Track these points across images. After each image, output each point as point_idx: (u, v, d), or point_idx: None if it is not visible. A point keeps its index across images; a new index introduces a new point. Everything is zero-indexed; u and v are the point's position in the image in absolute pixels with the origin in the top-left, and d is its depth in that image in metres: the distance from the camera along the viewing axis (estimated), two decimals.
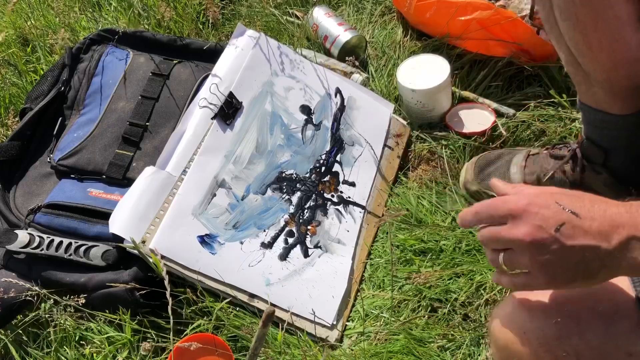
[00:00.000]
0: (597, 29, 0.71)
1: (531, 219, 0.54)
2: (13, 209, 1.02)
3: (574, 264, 0.53)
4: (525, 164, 0.99)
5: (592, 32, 0.71)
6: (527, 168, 0.99)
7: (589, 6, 0.69)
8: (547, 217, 0.53)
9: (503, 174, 1.01)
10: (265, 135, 1.07)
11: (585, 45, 0.73)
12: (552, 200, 0.54)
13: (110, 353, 0.93)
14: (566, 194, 0.55)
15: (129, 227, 0.91)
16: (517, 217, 0.54)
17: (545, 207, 0.54)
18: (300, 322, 0.94)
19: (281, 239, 1.01)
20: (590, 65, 0.76)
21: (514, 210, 0.55)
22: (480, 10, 1.12)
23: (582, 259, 0.53)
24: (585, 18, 0.70)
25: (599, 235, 0.52)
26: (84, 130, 1.09)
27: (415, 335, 0.90)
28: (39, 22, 1.46)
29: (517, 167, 1.00)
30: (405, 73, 1.15)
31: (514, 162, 1.01)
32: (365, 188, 1.10)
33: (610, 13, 0.69)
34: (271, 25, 1.37)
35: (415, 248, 1.00)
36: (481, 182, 1.01)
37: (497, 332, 0.62)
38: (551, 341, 0.57)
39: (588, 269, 0.53)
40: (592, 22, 0.70)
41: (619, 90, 0.78)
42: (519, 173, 0.99)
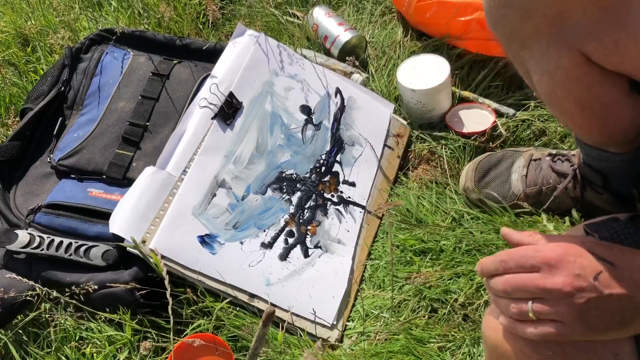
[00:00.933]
0: (585, 115, 0.66)
1: (569, 267, 0.53)
2: (13, 209, 1.02)
3: (610, 313, 0.53)
4: (526, 172, 0.99)
5: (579, 118, 0.67)
6: (528, 178, 0.98)
7: (572, 99, 0.64)
8: (585, 266, 0.53)
9: (504, 182, 1.00)
10: (265, 135, 1.07)
11: (574, 125, 0.71)
12: (585, 248, 0.54)
13: (110, 353, 0.93)
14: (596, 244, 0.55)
15: (129, 227, 0.91)
16: (553, 265, 0.54)
17: (581, 255, 0.54)
18: (300, 322, 0.94)
19: (281, 239, 1.01)
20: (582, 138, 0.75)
21: (549, 259, 0.54)
22: (481, 11, 1.12)
23: (619, 308, 0.53)
24: (570, 107, 0.65)
25: (634, 284, 0.52)
26: (84, 130, 1.09)
27: (415, 335, 0.90)
28: (39, 22, 1.46)
29: (517, 175, 0.99)
30: (405, 73, 1.15)
31: (514, 168, 1.00)
32: (365, 188, 1.10)
33: (597, 103, 0.64)
34: (271, 25, 1.37)
35: (415, 248, 1.00)
36: (482, 191, 1.01)
37: (488, 332, 0.62)
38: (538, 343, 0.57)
39: (623, 318, 0.53)
40: (578, 112, 0.65)
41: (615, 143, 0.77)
42: (520, 182, 0.99)
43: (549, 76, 0.62)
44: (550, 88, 0.64)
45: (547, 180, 0.96)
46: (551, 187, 0.95)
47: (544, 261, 0.55)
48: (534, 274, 0.55)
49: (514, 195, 0.99)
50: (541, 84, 0.65)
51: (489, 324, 0.63)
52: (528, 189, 0.97)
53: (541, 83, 0.64)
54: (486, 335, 0.63)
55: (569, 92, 0.63)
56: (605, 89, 0.62)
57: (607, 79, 0.61)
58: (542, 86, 0.65)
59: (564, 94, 0.64)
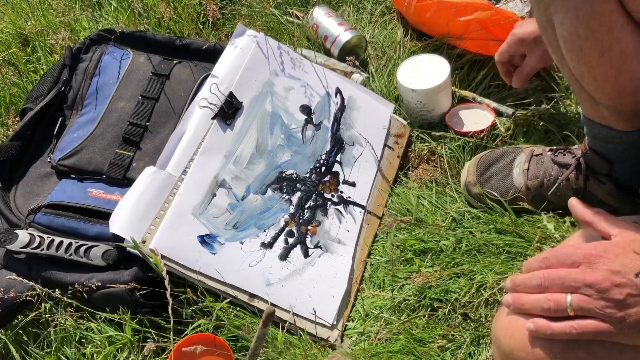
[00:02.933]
0: (603, 62, 0.68)
1: (609, 263, 0.54)
2: (13, 209, 1.02)
3: None
4: (528, 166, 0.99)
5: (597, 65, 0.69)
6: (530, 171, 0.98)
7: (594, 40, 0.66)
8: (626, 263, 0.54)
9: (505, 176, 1.00)
10: (265, 135, 1.07)
11: (590, 76, 0.71)
12: (630, 248, 0.55)
13: (110, 353, 0.93)
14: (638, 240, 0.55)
15: (129, 227, 0.91)
16: (593, 261, 0.55)
17: (622, 254, 0.54)
18: (300, 322, 0.94)
19: (281, 239, 1.01)
20: (594, 92, 0.75)
21: (590, 255, 0.55)
22: (480, 11, 1.13)
23: None
24: (590, 51, 0.67)
25: None
26: (84, 130, 1.09)
27: (416, 335, 0.90)
28: (39, 22, 1.46)
29: (519, 169, 1.00)
30: (405, 73, 1.15)
31: (516, 163, 1.01)
32: (365, 188, 1.10)
33: (616, 47, 0.66)
34: (271, 25, 1.37)
35: (415, 248, 1.00)
36: (483, 185, 1.01)
37: (502, 338, 0.62)
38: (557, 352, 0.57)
39: None
40: (597, 56, 0.67)
41: (624, 111, 0.76)
42: (522, 176, 0.99)
43: (575, 12, 0.64)
44: (574, 28, 0.66)
45: (548, 173, 0.96)
46: (553, 179, 0.95)
47: (584, 257, 0.55)
48: (573, 269, 0.56)
49: (516, 188, 0.99)
50: (565, 24, 0.66)
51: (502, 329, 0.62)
52: (529, 182, 0.98)
53: (565, 23, 0.66)
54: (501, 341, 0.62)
55: (591, 32, 0.65)
56: (626, 34, 0.64)
57: (630, 25, 0.63)
58: (566, 26, 0.66)
59: (586, 33, 0.65)
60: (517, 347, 0.59)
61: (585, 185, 0.92)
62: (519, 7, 1.24)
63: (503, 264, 0.94)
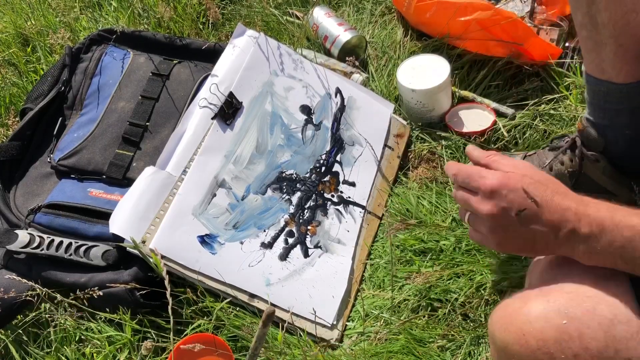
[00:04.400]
0: None
1: (498, 199, 0.64)
2: (13, 209, 1.02)
3: (523, 240, 0.64)
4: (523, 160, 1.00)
5: None
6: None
7: None
8: (512, 201, 0.63)
9: None
10: (265, 135, 1.07)
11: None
12: (520, 185, 0.63)
13: (110, 353, 0.93)
14: (533, 180, 0.63)
15: (129, 227, 0.91)
16: (487, 194, 0.64)
17: (513, 190, 0.63)
18: (300, 322, 0.94)
19: (281, 239, 1.01)
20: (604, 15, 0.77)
21: (485, 187, 0.64)
22: (480, 11, 1.13)
23: (532, 239, 0.63)
24: None
25: (551, 225, 0.61)
26: (84, 130, 1.09)
27: (416, 335, 0.90)
28: (39, 22, 1.46)
29: None
30: (405, 73, 1.15)
31: None
32: (365, 188, 1.10)
33: None
34: (271, 25, 1.37)
35: (415, 248, 1.00)
36: None
37: (497, 332, 0.62)
38: (550, 344, 0.57)
39: (534, 247, 0.64)
40: None
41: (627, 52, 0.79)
42: None
43: None
44: None
45: (543, 162, 0.97)
46: (548, 166, 0.96)
47: (481, 187, 0.65)
48: (472, 196, 0.66)
49: None
50: None
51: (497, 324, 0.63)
52: None
53: None
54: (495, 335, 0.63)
55: None
56: None
57: None
58: None
59: None
60: (512, 341, 0.60)
61: (581, 167, 0.92)
62: (519, 7, 1.24)
63: (503, 264, 0.94)
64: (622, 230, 0.58)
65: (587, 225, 0.60)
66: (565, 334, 0.57)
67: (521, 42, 1.14)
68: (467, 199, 0.67)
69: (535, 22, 1.20)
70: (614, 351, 0.56)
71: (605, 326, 0.57)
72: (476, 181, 0.66)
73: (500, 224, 0.64)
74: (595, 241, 0.60)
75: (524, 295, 0.63)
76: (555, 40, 1.18)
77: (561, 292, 0.60)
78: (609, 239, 0.59)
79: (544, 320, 0.58)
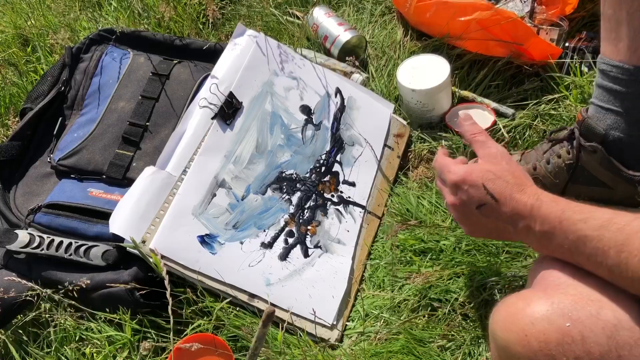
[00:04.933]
0: None
1: (460, 193, 0.71)
2: (13, 209, 1.02)
3: (487, 229, 0.72)
4: (520, 158, 1.01)
5: None
6: (522, 160, 1.00)
7: None
8: (472, 195, 0.70)
9: None
10: (265, 135, 1.07)
11: None
12: (481, 181, 0.69)
13: (110, 353, 0.93)
14: (495, 176, 0.69)
15: (129, 227, 0.91)
16: (452, 186, 0.72)
17: (473, 186, 0.70)
18: (300, 322, 0.94)
19: (281, 239, 1.01)
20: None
21: (449, 181, 0.72)
22: (480, 11, 1.12)
23: (495, 228, 0.70)
24: None
25: (508, 220, 0.68)
26: (84, 130, 1.09)
27: (416, 335, 0.90)
28: (39, 22, 1.46)
29: None
30: (405, 73, 1.15)
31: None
32: (365, 188, 1.10)
33: None
34: (271, 25, 1.37)
35: (415, 248, 1.00)
36: None
37: (499, 332, 0.62)
38: (552, 346, 0.57)
39: (500, 235, 0.71)
40: None
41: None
42: None
43: None
44: None
45: (540, 156, 0.97)
46: (545, 160, 0.96)
47: (447, 181, 0.73)
48: (444, 187, 0.75)
49: None
50: None
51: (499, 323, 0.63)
52: (522, 166, 0.99)
53: None
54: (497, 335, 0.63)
55: None
56: None
57: None
58: None
59: None
60: (514, 341, 0.60)
61: (578, 159, 0.92)
62: (519, 7, 1.24)
63: (503, 264, 0.94)
64: (568, 234, 0.61)
65: (539, 224, 0.64)
66: (568, 337, 0.57)
67: (521, 42, 1.14)
68: (441, 189, 0.76)
69: (535, 22, 1.20)
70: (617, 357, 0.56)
71: (609, 331, 0.56)
72: (444, 174, 0.74)
73: (464, 214, 0.72)
74: (548, 239, 0.64)
75: (527, 295, 0.62)
76: (555, 40, 1.17)
77: (565, 294, 0.60)
78: (558, 240, 0.63)
79: (547, 321, 0.58)
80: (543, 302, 0.60)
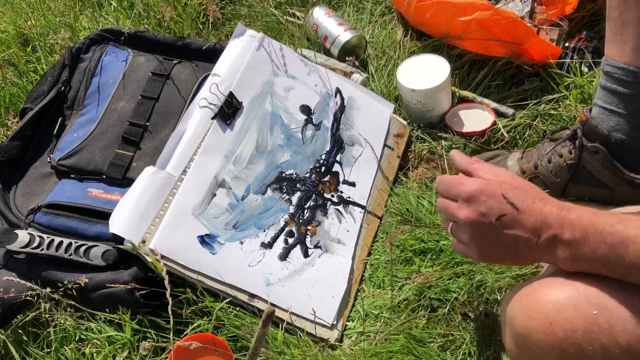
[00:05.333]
0: None
1: (477, 205, 0.63)
2: (13, 209, 1.02)
3: (505, 247, 0.63)
4: (522, 155, 1.01)
5: None
6: (524, 158, 1.00)
7: None
8: (492, 207, 0.63)
9: (501, 166, 1.02)
10: (265, 135, 1.07)
11: None
12: (500, 191, 0.63)
13: (110, 353, 0.93)
14: (513, 187, 0.63)
15: (129, 227, 0.91)
16: (467, 200, 0.64)
17: (492, 196, 0.63)
18: (300, 322, 0.94)
19: (281, 239, 1.01)
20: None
21: (464, 193, 0.64)
22: (480, 11, 1.12)
23: (513, 246, 0.62)
24: None
25: (532, 230, 0.61)
26: (84, 130, 1.09)
27: (415, 335, 0.90)
28: (39, 22, 1.46)
29: (513, 161, 1.01)
30: (405, 73, 1.15)
31: (512, 156, 1.03)
32: (365, 188, 1.10)
33: None
34: (271, 25, 1.37)
35: (415, 248, 1.00)
36: None
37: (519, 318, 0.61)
38: (579, 335, 0.56)
39: (517, 254, 0.63)
40: None
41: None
42: (516, 164, 1.00)
43: None
44: None
45: (542, 154, 0.97)
46: (546, 159, 0.96)
47: (461, 194, 0.65)
48: (453, 203, 0.66)
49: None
50: None
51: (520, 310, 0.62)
52: (523, 165, 0.99)
53: None
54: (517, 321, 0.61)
55: None
56: None
57: None
58: None
59: None
60: (536, 329, 0.58)
61: (579, 159, 0.92)
62: (519, 7, 1.24)
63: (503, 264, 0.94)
64: (605, 237, 0.57)
65: (569, 231, 0.59)
66: (595, 326, 0.56)
67: (521, 42, 1.14)
68: (448, 206, 0.67)
69: (535, 22, 1.20)
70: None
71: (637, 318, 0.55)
72: (456, 188, 0.66)
73: (480, 230, 0.63)
74: (578, 247, 0.58)
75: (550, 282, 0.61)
76: (555, 40, 1.17)
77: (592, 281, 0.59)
78: (592, 245, 0.58)
79: (573, 309, 0.57)
80: (568, 289, 0.59)
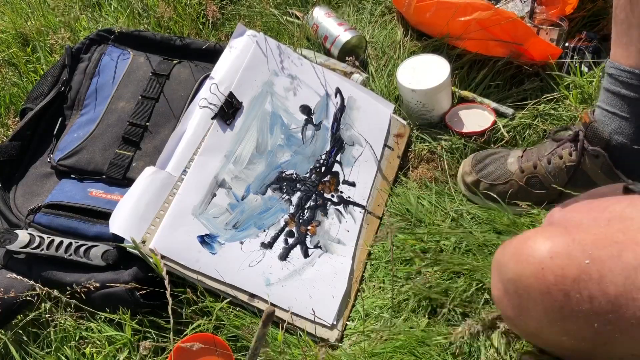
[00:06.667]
0: None
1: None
2: (13, 209, 1.02)
3: None
4: (522, 154, 1.01)
5: None
6: (524, 157, 1.01)
7: None
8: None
9: (500, 165, 1.02)
10: (265, 135, 1.07)
11: None
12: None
13: (110, 353, 0.93)
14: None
15: (129, 227, 0.91)
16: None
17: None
18: (300, 322, 0.94)
19: (281, 239, 1.01)
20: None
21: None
22: (480, 11, 1.13)
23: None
24: None
25: None
26: (84, 131, 1.09)
27: (415, 335, 0.90)
28: (39, 22, 1.46)
29: (514, 158, 1.02)
30: (405, 73, 1.15)
31: (512, 154, 1.03)
32: (365, 188, 1.10)
33: None
34: (271, 25, 1.37)
35: (415, 248, 1.00)
36: (478, 173, 1.03)
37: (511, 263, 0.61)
38: (568, 282, 0.56)
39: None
40: None
41: None
42: (516, 162, 1.01)
43: None
44: None
45: (542, 154, 0.97)
46: (546, 159, 0.96)
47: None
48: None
49: (510, 173, 1.00)
50: None
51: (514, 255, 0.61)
52: (523, 164, 0.99)
53: None
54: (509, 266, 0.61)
55: None
56: None
57: None
58: None
59: None
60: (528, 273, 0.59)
61: (580, 161, 0.92)
62: (519, 7, 1.24)
63: None
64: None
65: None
66: (586, 274, 0.56)
67: (521, 42, 1.14)
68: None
69: (535, 22, 1.20)
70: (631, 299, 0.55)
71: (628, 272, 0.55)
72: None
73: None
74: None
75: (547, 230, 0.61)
76: (555, 40, 1.18)
77: (588, 232, 0.59)
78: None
79: (566, 257, 0.57)
80: (564, 239, 0.59)
